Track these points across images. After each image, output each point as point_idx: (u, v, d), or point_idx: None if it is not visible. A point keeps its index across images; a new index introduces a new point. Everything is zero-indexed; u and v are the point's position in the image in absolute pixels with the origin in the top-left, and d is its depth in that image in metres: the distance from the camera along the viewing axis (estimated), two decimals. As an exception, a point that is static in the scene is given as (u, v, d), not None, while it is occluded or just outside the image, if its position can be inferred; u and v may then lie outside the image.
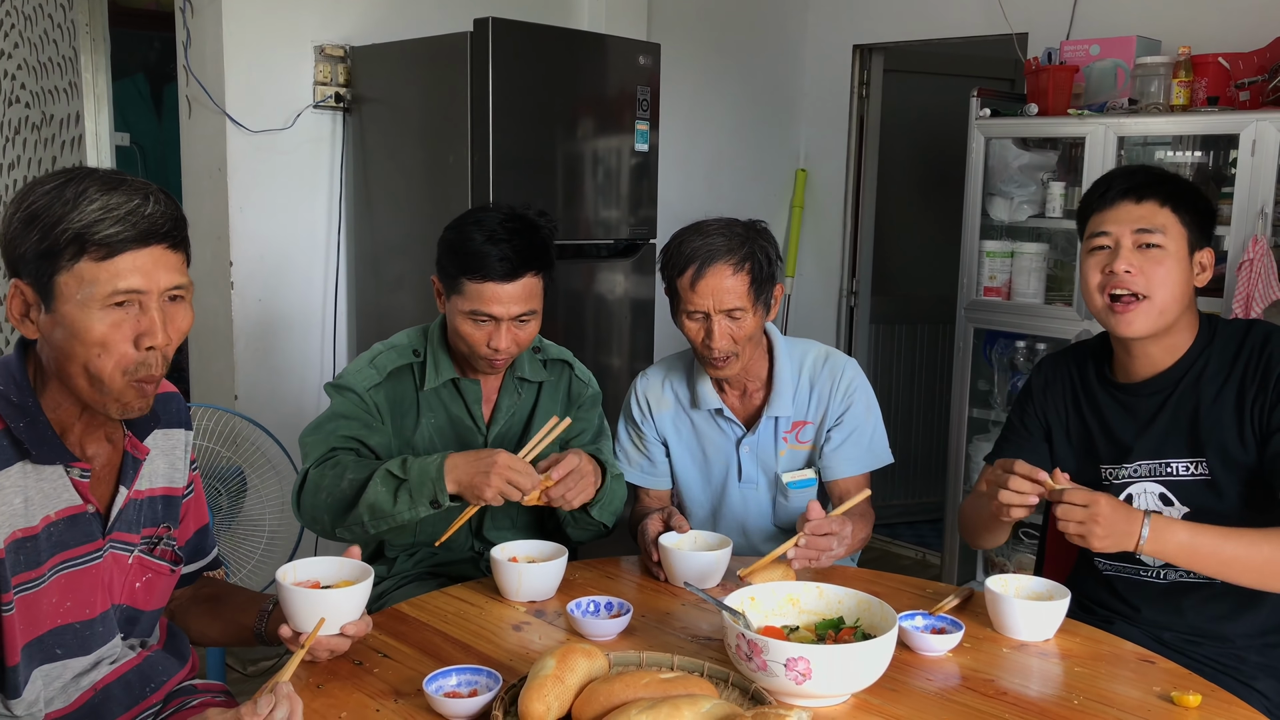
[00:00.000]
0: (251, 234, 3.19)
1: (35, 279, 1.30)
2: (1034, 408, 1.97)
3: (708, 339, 2.00)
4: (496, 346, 1.92)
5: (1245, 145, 2.98)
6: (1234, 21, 3.35)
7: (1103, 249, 1.78)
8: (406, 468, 1.79)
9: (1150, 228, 1.74)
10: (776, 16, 4.50)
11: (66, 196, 1.28)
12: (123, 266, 1.29)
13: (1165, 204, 1.75)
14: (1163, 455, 1.80)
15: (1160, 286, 1.73)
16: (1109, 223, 1.77)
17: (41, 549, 1.36)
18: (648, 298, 3.40)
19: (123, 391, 1.33)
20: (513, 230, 1.91)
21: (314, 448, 1.93)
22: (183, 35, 3.17)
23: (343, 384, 1.99)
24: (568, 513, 1.95)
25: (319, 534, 1.96)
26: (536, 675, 1.33)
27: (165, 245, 1.32)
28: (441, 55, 3.01)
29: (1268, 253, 2.91)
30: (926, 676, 1.52)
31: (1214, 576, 1.68)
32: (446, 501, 1.77)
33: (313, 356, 3.36)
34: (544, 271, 1.95)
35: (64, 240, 1.27)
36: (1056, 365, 1.98)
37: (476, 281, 1.89)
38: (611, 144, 3.24)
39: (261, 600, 1.62)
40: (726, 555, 1.86)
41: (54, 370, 1.35)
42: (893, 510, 4.70)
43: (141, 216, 1.30)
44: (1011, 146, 3.55)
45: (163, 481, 1.55)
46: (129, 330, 1.31)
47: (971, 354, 3.71)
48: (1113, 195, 1.78)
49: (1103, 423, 1.88)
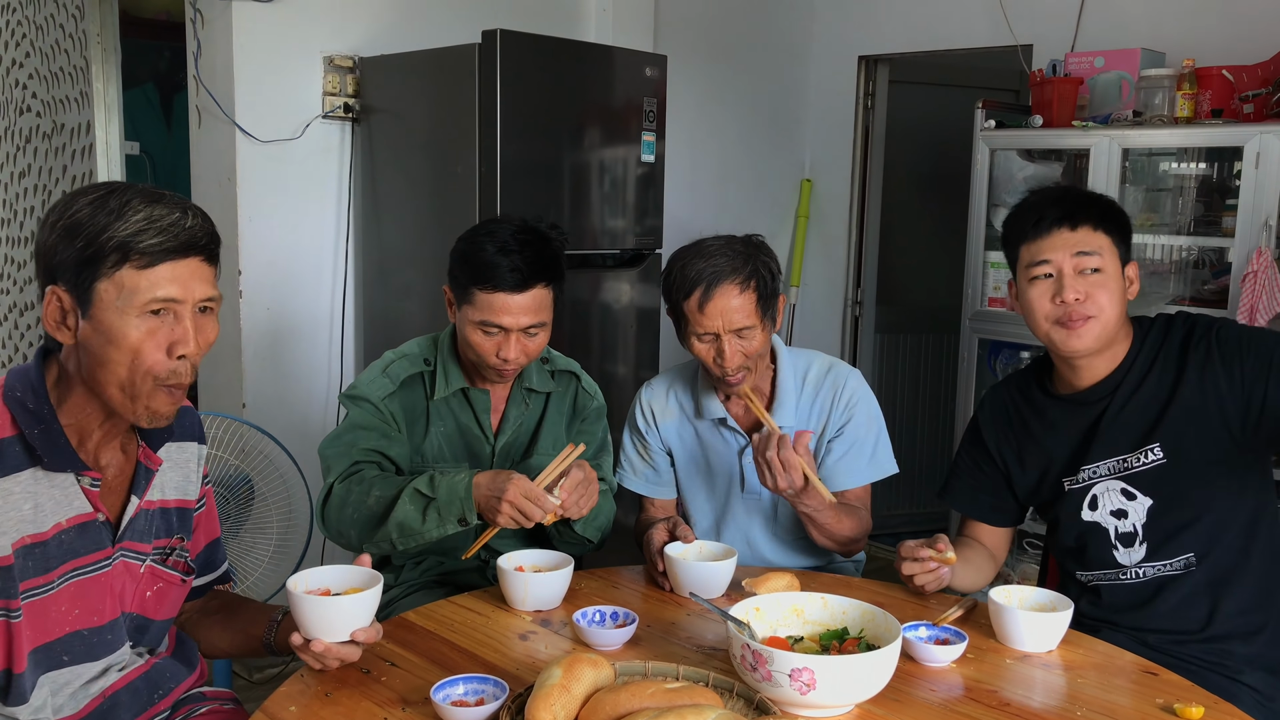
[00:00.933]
0: (260, 243, 3.21)
1: (74, 285, 1.33)
2: (983, 446, 2.02)
3: (719, 359, 2.00)
4: (505, 357, 1.94)
5: (1249, 158, 2.99)
6: (1238, 34, 3.36)
7: (1046, 277, 1.81)
8: (435, 486, 1.80)
9: (1089, 251, 1.78)
10: (782, 27, 4.52)
11: (111, 207, 1.33)
12: (161, 276, 1.33)
13: (1098, 227, 1.80)
14: (1118, 452, 1.84)
15: (1106, 305, 1.79)
16: (1047, 251, 1.80)
17: (51, 555, 1.38)
18: (653, 307, 3.42)
19: (152, 396, 1.36)
20: (524, 242, 1.92)
21: (336, 461, 1.94)
22: (193, 45, 3.19)
23: (358, 394, 2.01)
24: (552, 526, 1.98)
25: (345, 548, 1.98)
26: (543, 684, 1.34)
27: (201, 258, 1.38)
28: (450, 66, 3.03)
29: (1272, 265, 2.91)
30: (930, 687, 1.53)
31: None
32: (474, 520, 1.79)
33: (320, 365, 3.38)
34: (554, 284, 1.97)
35: (109, 248, 1.31)
36: (996, 397, 2.03)
37: (487, 292, 1.91)
38: (618, 154, 3.26)
39: (270, 611, 1.63)
40: (731, 565, 1.87)
41: (84, 377, 1.38)
42: (897, 520, 4.70)
43: (182, 229, 1.35)
44: (1016, 158, 3.56)
45: (175, 494, 1.57)
46: (163, 338, 1.35)
47: (976, 364, 3.71)
48: (1046, 224, 1.81)
49: (1054, 437, 1.92)
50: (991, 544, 2.05)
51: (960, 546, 2.02)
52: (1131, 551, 1.85)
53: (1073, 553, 1.93)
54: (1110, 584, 1.89)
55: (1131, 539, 1.85)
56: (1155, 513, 1.83)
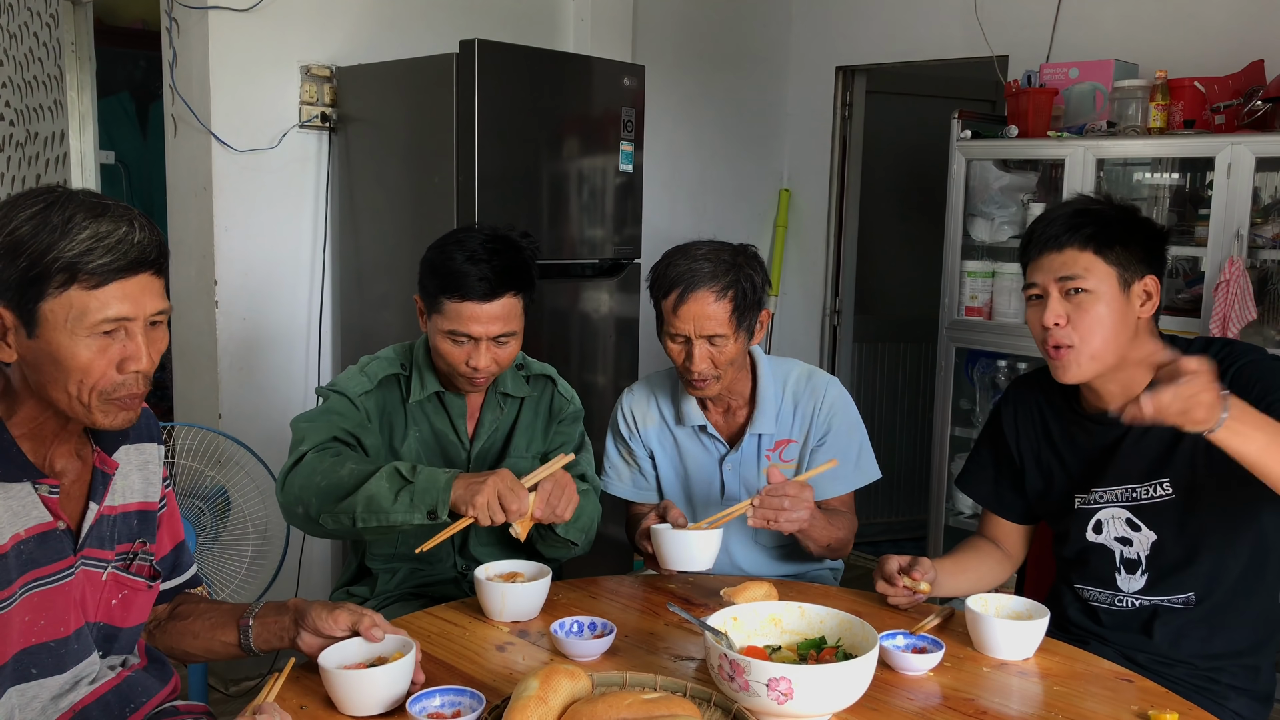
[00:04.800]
0: (236, 253, 3.19)
1: (18, 305, 1.30)
2: (1003, 440, 1.99)
3: (688, 361, 2.02)
4: (475, 366, 1.93)
5: (1221, 168, 3.02)
6: (1210, 46, 3.40)
7: (1037, 299, 1.80)
8: (416, 472, 1.77)
9: (1071, 274, 1.73)
10: (760, 38, 4.54)
11: (54, 223, 1.28)
12: (111, 295, 1.30)
13: (1085, 247, 1.73)
14: (1128, 481, 1.81)
15: (1089, 333, 1.73)
16: (1036, 273, 1.78)
17: (10, 568, 1.35)
18: (632, 316, 3.42)
19: (104, 409, 1.34)
20: (493, 250, 1.92)
21: (312, 433, 1.90)
22: (169, 54, 3.18)
23: (335, 388, 2.00)
24: (535, 528, 1.95)
25: (297, 522, 1.89)
26: (520, 696, 1.33)
27: (151, 272, 1.34)
28: (427, 76, 3.03)
29: (1244, 274, 2.94)
30: (908, 696, 1.53)
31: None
32: (443, 515, 1.76)
33: (297, 376, 3.36)
34: (524, 292, 1.96)
35: (55, 269, 1.27)
36: (1023, 393, 1.99)
37: (455, 301, 1.90)
38: (596, 164, 3.26)
39: (239, 611, 1.61)
40: (715, 536, 1.88)
41: (32, 389, 1.35)
42: (875, 528, 4.71)
43: (131, 245, 1.30)
44: (992, 168, 3.59)
45: (137, 497, 1.54)
46: (115, 355, 1.32)
47: (953, 373, 3.74)
48: (1035, 247, 1.79)
49: (1072, 451, 1.90)
50: (1008, 543, 2.03)
51: (972, 547, 2.02)
52: (1133, 579, 1.84)
53: (1075, 565, 1.92)
54: (1106, 607, 1.88)
55: (1135, 566, 1.84)
56: (1158, 548, 1.81)
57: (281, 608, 1.59)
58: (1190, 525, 1.78)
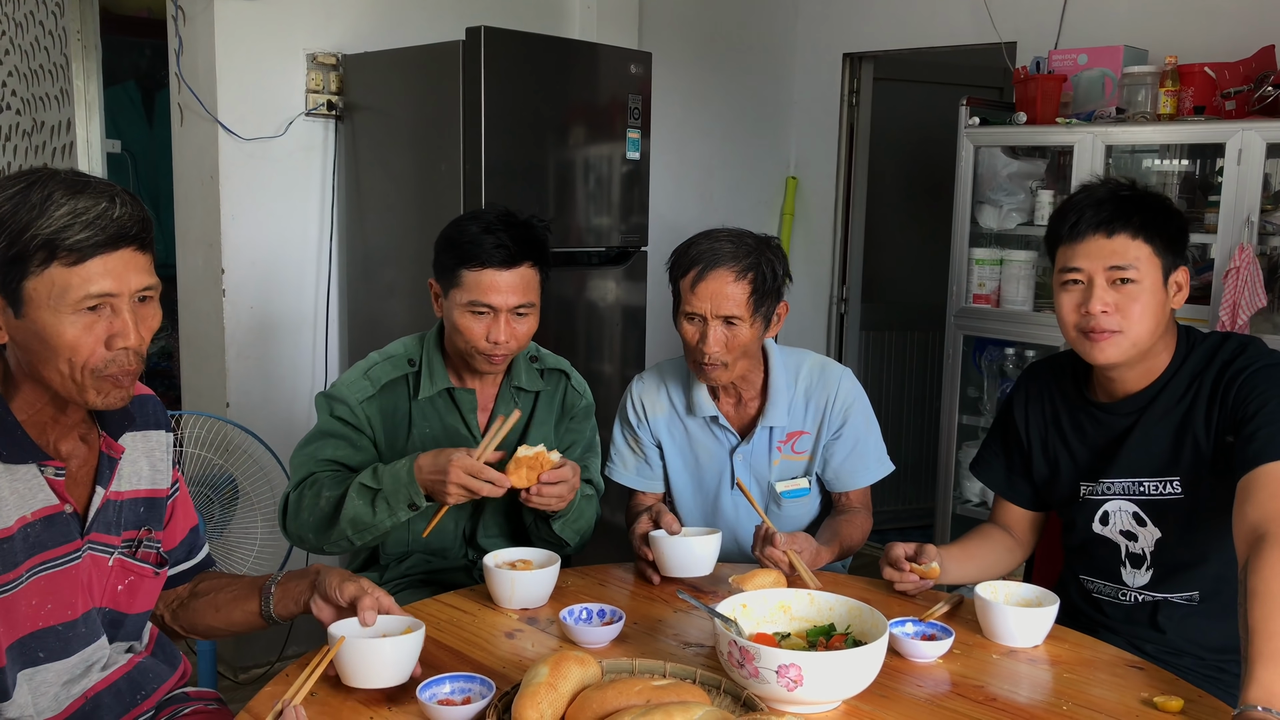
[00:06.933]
0: (243, 241, 3.19)
1: (2, 285, 1.30)
2: (1014, 426, 1.98)
3: (701, 342, 2.01)
4: (495, 340, 1.93)
5: (1231, 154, 3.00)
6: (1220, 31, 3.38)
7: (1076, 284, 1.74)
8: (378, 476, 1.82)
9: (1124, 264, 1.69)
10: (767, 25, 4.52)
11: (32, 201, 1.28)
12: (94, 271, 1.29)
13: (1137, 235, 1.70)
14: (1137, 474, 1.80)
15: (1136, 322, 1.70)
16: (1080, 258, 1.72)
17: (17, 550, 1.35)
18: (639, 305, 3.41)
19: (97, 387, 1.34)
20: (509, 223, 1.94)
21: (295, 471, 1.97)
22: (175, 42, 3.17)
23: (335, 395, 2.00)
24: (532, 520, 1.99)
25: (308, 551, 1.98)
26: (530, 683, 1.33)
27: (134, 247, 1.33)
28: (434, 64, 3.02)
29: (1253, 261, 2.93)
30: (917, 683, 1.53)
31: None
32: (423, 503, 1.81)
33: (304, 364, 3.36)
34: (540, 265, 1.98)
35: (33, 246, 1.27)
36: (1037, 380, 1.97)
37: (475, 269, 1.91)
38: (603, 152, 3.25)
39: (260, 581, 1.62)
40: (714, 542, 1.87)
41: (27, 371, 1.35)
42: (883, 516, 4.67)
43: (110, 220, 1.30)
44: (1000, 155, 3.58)
45: (145, 484, 1.55)
46: (101, 332, 1.32)
47: (961, 361, 3.73)
48: (1083, 229, 1.72)
49: (1081, 440, 1.88)
50: (1018, 530, 2.02)
51: (982, 534, 2.01)
52: (1138, 574, 1.84)
53: (1080, 556, 1.92)
54: (1110, 600, 1.88)
55: (1140, 561, 1.83)
56: (1163, 545, 1.80)
57: (304, 572, 1.60)
58: (1198, 526, 1.77)
